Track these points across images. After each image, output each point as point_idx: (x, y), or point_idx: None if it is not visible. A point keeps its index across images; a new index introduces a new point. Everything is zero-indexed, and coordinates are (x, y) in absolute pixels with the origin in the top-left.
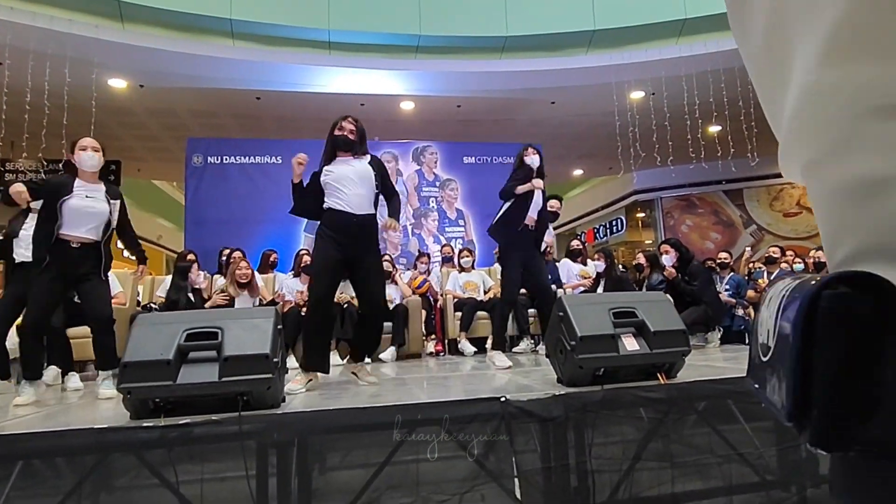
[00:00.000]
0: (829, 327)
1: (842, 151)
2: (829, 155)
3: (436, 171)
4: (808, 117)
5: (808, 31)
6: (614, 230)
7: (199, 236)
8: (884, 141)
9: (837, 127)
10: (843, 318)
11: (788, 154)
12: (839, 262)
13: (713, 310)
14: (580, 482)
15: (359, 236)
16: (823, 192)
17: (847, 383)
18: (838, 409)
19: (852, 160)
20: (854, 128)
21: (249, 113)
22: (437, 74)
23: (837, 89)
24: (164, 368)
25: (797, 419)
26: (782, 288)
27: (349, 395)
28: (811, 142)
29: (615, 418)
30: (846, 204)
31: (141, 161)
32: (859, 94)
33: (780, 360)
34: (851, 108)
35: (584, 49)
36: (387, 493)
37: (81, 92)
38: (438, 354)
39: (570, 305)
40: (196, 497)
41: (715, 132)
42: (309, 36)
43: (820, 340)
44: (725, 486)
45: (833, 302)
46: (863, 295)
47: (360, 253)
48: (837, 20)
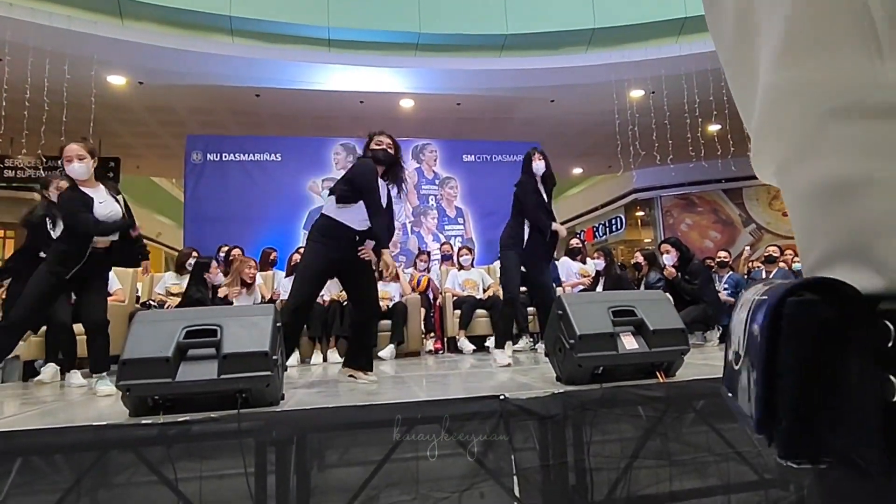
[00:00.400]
0: (793, 334)
1: (808, 153)
2: (796, 156)
3: (435, 169)
4: (774, 118)
5: (768, 29)
6: (614, 229)
7: (199, 233)
8: (844, 144)
9: (801, 128)
10: (807, 324)
11: (760, 155)
12: (812, 265)
13: (713, 309)
14: (578, 480)
15: (352, 246)
16: (795, 194)
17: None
18: (803, 418)
19: (819, 162)
20: (816, 129)
21: (249, 110)
22: (437, 72)
23: (795, 90)
24: (164, 366)
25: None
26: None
27: (348, 392)
28: (779, 143)
29: (614, 416)
30: (815, 206)
31: (140, 158)
32: (816, 94)
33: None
34: (812, 109)
35: (584, 47)
36: (386, 491)
37: (81, 88)
38: (437, 352)
39: (570, 304)
40: (195, 494)
41: (715, 131)
42: (308, 33)
43: (784, 347)
44: (723, 484)
45: (797, 309)
46: (827, 301)
47: (350, 256)
48: (789, 18)
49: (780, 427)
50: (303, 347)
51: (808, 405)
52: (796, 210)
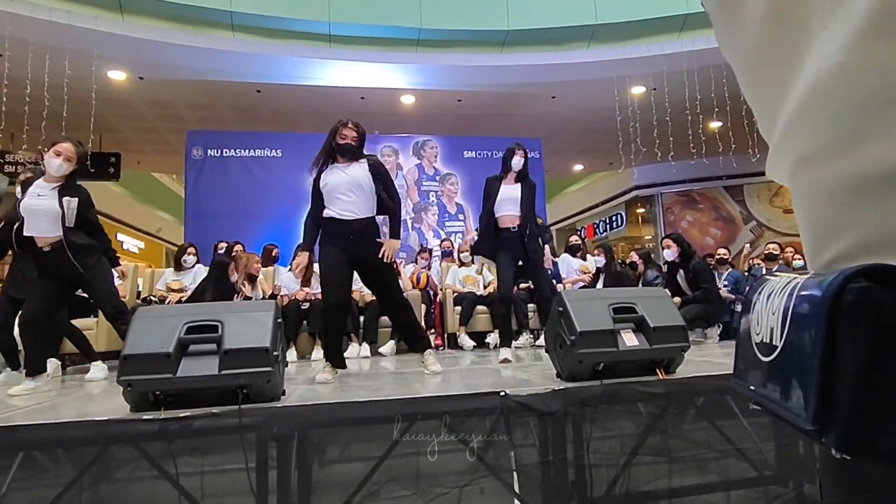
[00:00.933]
0: (856, 322)
1: (855, 141)
2: (837, 146)
3: (436, 166)
4: (820, 105)
5: (836, 13)
6: (614, 225)
7: (199, 229)
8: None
9: (856, 114)
10: (870, 311)
11: (782, 149)
12: (829, 260)
13: (714, 306)
14: (578, 476)
15: (359, 239)
16: (816, 189)
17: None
18: (865, 410)
19: (868, 149)
20: (875, 115)
21: (249, 106)
22: (438, 68)
23: (866, 72)
24: (165, 361)
25: (820, 422)
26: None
27: (349, 388)
28: (817, 133)
29: (614, 413)
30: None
31: (141, 153)
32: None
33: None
34: (879, 92)
35: (586, 44)
36: (386, 486)
37: (81, 84)
38: (438, 349)
39: (570, 301)
40: (196, 489)
41: (716, 128)
42: (309, 28)
43: (845, 337)
44: (723, 480)
45: (859, 296)
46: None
47: (362, 252)
48: None
49: (839, 419)
50: (301, 344)
51: (872, 396)
52: (814, 205)
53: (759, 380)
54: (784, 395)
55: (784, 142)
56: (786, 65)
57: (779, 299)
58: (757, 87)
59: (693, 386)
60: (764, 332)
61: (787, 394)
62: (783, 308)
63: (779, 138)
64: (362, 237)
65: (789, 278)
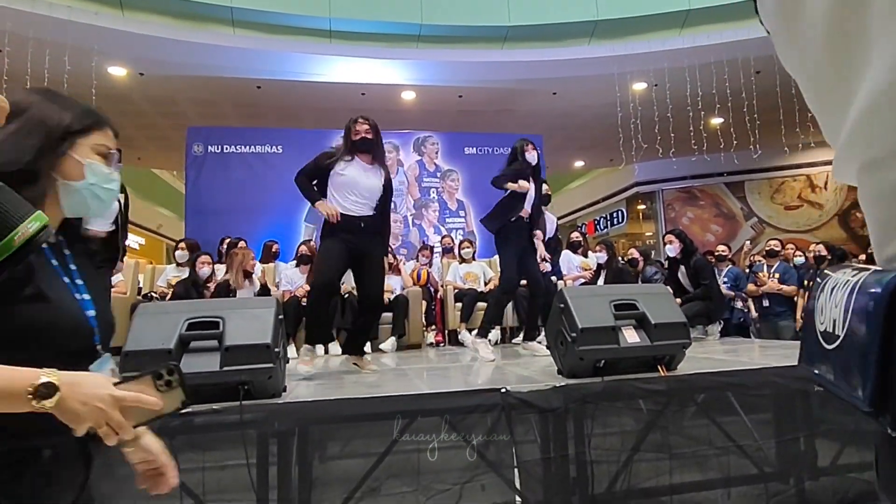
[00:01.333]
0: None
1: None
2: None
3: (437, 162)
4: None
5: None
6: (615, 222)
7: (200, 225)
8: None
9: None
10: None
11: (850, 151)
12: (892, 254)
13: (715, 303)
14: (579, 473)
15: (364, 232)
16: (883, 190)
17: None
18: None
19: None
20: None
21: (250, 102)
22: (439, 64)
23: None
24: (166, 357)
25: (877, 405)
26: (847, 278)
27: (350, 385)
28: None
29: (615, 410)
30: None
31: (141, 150)
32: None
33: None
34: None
35: (587, 39)
36: (387, 482)
37: (81, 80)
38: (438, 345)
39: (571, 297)
40: (197, 485)
41: (717, 124)
42: (310, 24)
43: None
44: (724, 477)
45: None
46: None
47: (365, 247)
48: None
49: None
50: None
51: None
52: (881, 204)
53: (823, 365)
54: (844, 380)
55: (850, 147)
56: (849, 77)
57: (841, 293)
58: (823, 100)
59: (694, 383)
60: (827, 323)
61: (848, 378)
62: (845, 301)
63: (844, 143)
64: (368, 230)
65: (852, 273)
